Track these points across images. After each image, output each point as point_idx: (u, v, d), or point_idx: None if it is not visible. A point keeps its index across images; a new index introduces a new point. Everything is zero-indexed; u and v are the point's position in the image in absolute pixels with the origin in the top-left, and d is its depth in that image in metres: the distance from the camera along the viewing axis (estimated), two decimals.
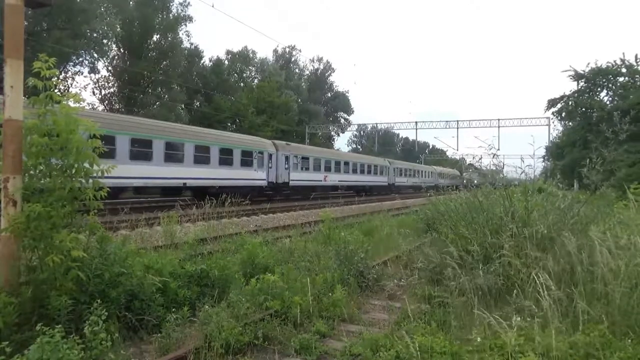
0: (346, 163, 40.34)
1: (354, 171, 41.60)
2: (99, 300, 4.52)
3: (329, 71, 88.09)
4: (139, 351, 5.05)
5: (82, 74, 50.21)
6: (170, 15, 48.41)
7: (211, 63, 60.08)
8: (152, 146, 20.64)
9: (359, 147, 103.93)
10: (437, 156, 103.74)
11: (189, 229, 13.20)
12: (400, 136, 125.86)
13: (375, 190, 45.82)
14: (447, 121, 55.52)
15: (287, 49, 79.06)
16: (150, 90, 48.26)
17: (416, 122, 57.59)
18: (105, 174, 5.42)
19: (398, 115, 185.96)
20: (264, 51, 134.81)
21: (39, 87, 5.09)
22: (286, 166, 31.13)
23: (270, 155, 29.36)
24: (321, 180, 35.93)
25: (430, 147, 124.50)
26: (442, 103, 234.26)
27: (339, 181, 38.94)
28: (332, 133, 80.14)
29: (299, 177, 32.64)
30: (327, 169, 36.84)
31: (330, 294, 6.36)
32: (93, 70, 42.36)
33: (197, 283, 6.64)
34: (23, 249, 4.82)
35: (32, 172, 5.08)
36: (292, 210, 23.41)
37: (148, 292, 5.56)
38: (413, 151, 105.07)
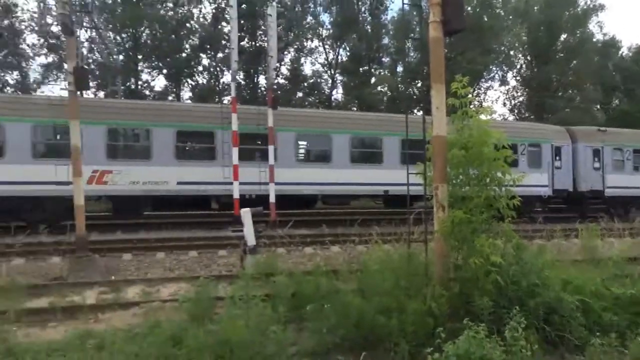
0: None
1: None
2: (517, 307, 4.56)
3: None
4: None
5: (492, 87, 53.21)
6: (579, 9, 44.33)
7: (630, 53, 50.53)
8: None
9: None
10: None
11: (613, 245, 11.50)
12: None
13: None
14: None
15: None
16: (561, 94, 45.57)
17: None
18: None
19: None
20: None
21: (456, 105, 5.78)
22: (596, 165, 19.62)
23: (557, 149, 18.87)
24: None
25: None
26: None
27: None
28: None
29: (622, 182, 19.48)
30: None
31: None
32: (503, 82, 44.06)
33: (626, 309, 5.63)
34: (450, 249, 5.47)
35: (454, 181, 5.74)
36: None
37: (567, 308, 5.16)
38: None
